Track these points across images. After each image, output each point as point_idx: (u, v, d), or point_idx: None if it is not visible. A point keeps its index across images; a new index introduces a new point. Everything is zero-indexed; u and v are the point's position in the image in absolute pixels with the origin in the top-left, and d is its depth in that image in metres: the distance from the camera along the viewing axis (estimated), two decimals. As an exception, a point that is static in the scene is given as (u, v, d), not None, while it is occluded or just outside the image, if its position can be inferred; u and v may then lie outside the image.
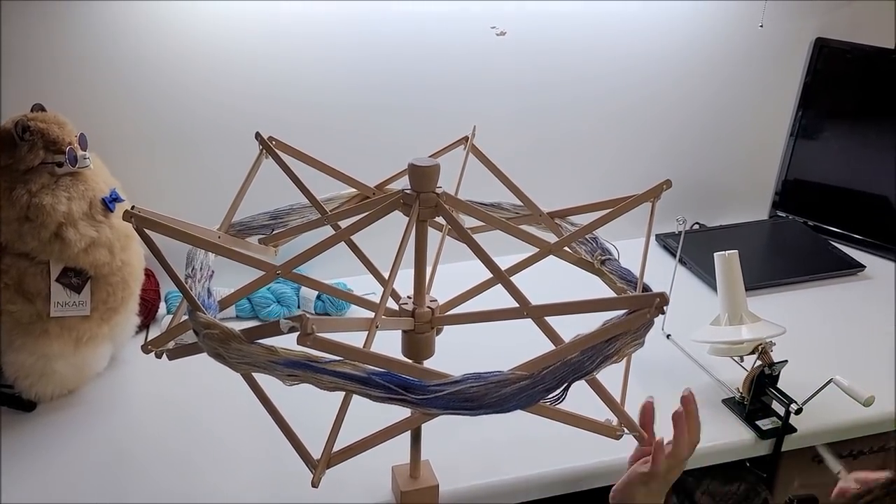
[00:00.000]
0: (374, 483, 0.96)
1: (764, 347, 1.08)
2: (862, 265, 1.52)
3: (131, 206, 0.75)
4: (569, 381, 0.68)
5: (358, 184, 0.98)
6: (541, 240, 0.86)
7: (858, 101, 1.62)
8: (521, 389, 0.65)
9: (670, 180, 0.91)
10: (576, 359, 0.67)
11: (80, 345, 1.06)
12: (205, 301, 0.77)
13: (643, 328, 0.71)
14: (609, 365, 0.71)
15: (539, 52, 1.43)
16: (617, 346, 0.69)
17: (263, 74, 1.29)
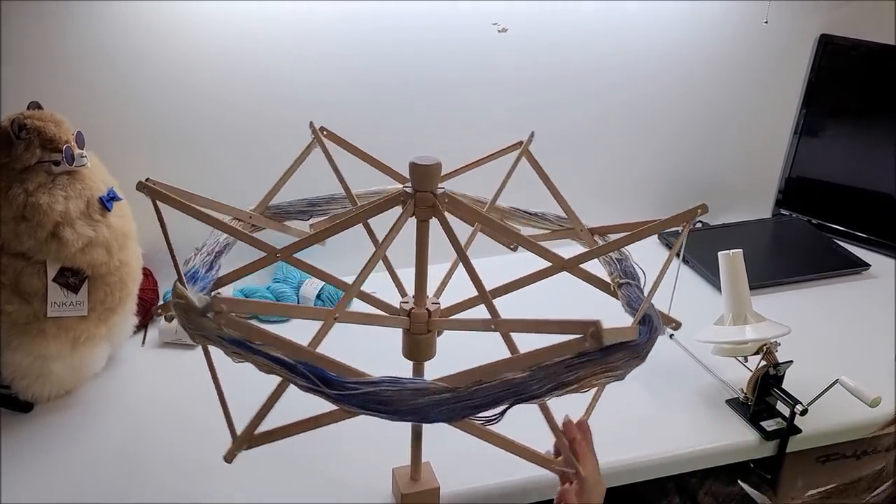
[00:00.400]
0: (374, 485, 0.95)
1: (769, 348, 1.07)
2: (867, 264, 1.51)
3: (146, 179, 0.74)
4: (509, 402, 0.64)
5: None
6: (554, 255, 0.84)
7: (863, 99, 1.60)
8: (441, 402, 0.63)
9: (706, 205, 0.85)
10: (519, 380, 0.64)
11: (77, 345, 1.05)
12: (199, 274, 0.76)
13: (621, 361, 0.68)
14: (568, 393, 0.67)
15: (541, 48, 1.42)
16: (579, 375, 0.65)
17: (264, 72, 1.28)
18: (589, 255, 0.81)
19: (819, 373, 1.10)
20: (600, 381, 0.68)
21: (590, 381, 0.66)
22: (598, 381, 0.68)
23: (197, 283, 0.84)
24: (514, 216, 1.00)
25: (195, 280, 0.85)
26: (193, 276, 0.88)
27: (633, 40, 1.47)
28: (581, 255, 0.82)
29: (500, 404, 0.64)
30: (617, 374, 0.69)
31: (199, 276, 0.82)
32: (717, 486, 1.21)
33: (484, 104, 1.43)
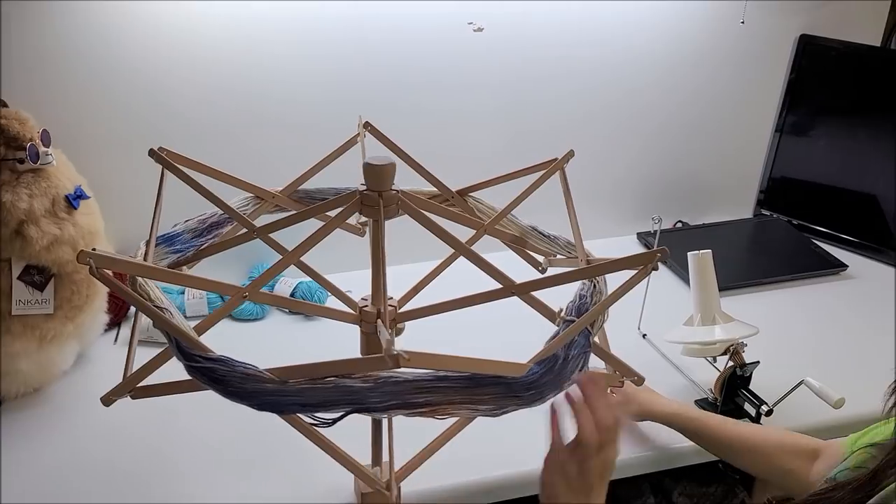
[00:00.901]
0: (337, 484, 0.95)
1: (735, 348, 1.07)
2: (844, 264, 1.51)
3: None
4: (345, 409, 0.64)
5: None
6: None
7: (843, 99, 1.60)
8: (269, 392, 0.63)
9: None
10: (357, 389, 0.63)
11: (44, 343, 1.05)
12: (181, 238, 0.77)
13: (492, 396, 0.66)
14: (420, 416, 0.65)
15: (519, 47, 1.42)
16: (429, 399, 0.64)
17: (241, 70, 1.28)
18: (539, 284, 0.78)
19: (790, 373, 1.10)
20: (461, 411, 0.66)
21: (446, 409, 0.65)
22: (459, 410, 0.66)
23: (174, 246, 0.84)
24: (530, 236, 0.98)
25: (172, 243, 0.85)
26: (171, 238, 0.88)
27: (613, 40, 1.47)
28: (532, 282, 0.78)
29: (336, 408, 0.63)
30: (485, 409, 0.67)
31: (181, 241, 0.84)
32: (693, 486, 1.22)
33: (465, 104, 1.43)
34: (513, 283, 0.74)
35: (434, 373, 0.64)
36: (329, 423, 0.65)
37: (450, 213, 0.89)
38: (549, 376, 0.70)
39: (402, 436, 0.88)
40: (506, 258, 0.98)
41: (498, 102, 1.46)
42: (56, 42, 1.17)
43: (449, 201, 1.00)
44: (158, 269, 0.72)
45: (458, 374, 0.65)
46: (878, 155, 1.55)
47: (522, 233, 0.97)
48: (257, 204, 0.98)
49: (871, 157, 1.57)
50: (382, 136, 0.97)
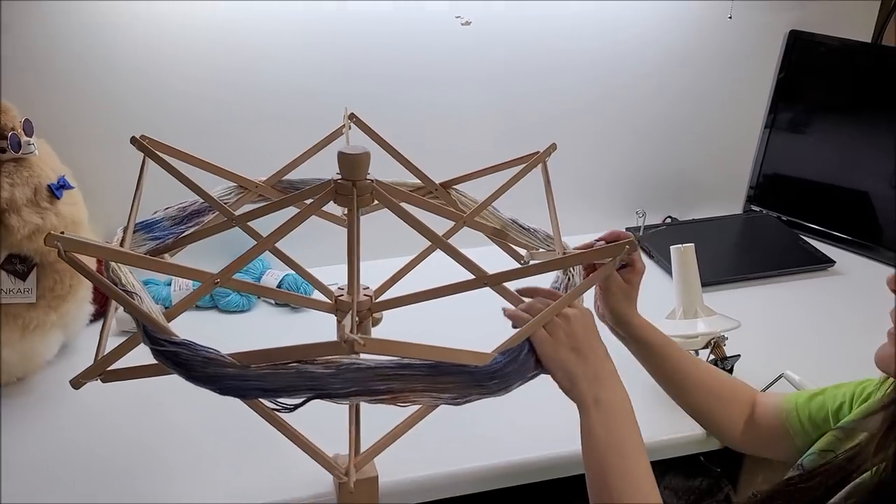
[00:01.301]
0: (316, 473, 0.95)
1: (717, 341, 1.07)
2: (832, 260, 1.51)
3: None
4: (307, 395, 0.64)
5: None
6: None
7: (834, 95, 1.60)
8: (230, 376, 0.64)
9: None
10: (319, 375, 0.63)
11: (27, 332, 1.05)
12: (161, 226, 0.78)
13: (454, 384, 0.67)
14: (382, 403, 0.65)
15: (507, 42, 1.42)
16: (391, 386, 0.65)
17: (225, 60, 1.28)
18: (512, 275, 0.79)
19: (772, 367, 1.11)
20: (423, 398, 0.67)
21: (408, 397, 0.65)
22: (421, 398, 0.66)
23: (152, 233, 0.86)
24: (510, 229, 0.99)
25: (151, 230, 0.87)
26: (150, 225, 0.89)
27: (602, 36, 1.47)
28: (504, 273, 0.80)
29: (298, 394, 0.64)
30: (447, 398, 0.68)
31: (160, 228, 0.86)
32: (677, 479, 1.22)
33: (454, 99, 1.43)
34: (486, 273, 0.74)
35: (397, 360, 0.65)
36: (291, 409, 0.65)
37: (429, 204, 0.90)
38: (514, 366, 0.71)
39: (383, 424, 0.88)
40: (490, 252, 0.98)
41: (487, 98, 1.46)
42: (41, 32, 1.17)
43: (432, 193, 1.00)
44: (128, 254, 0.73)
45: (422, 362, 0.65)
46: (868, 151, 1.55)
47: (503, 226, 0.98)
48: (240, 193, 0.98)
49: (862, 153, 1.57)
50: (367, 127, 0.98)
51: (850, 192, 1.59)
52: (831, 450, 0.80)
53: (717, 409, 0.99)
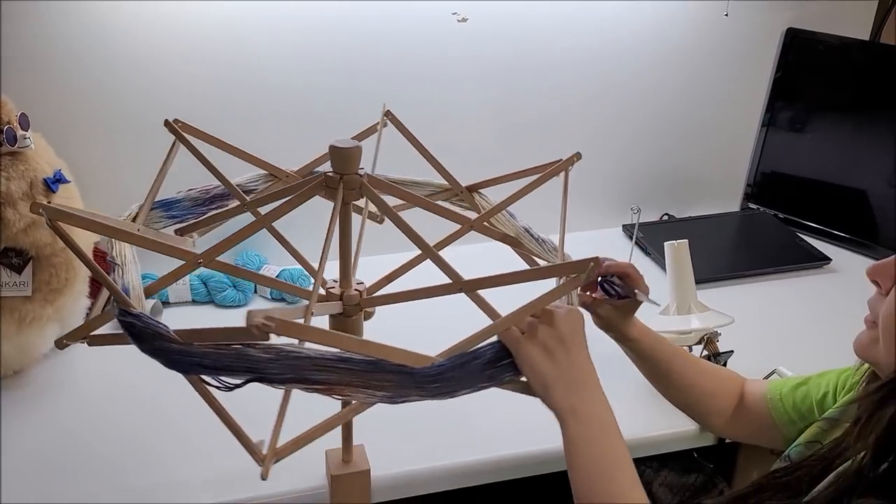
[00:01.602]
0: (308, 466, 0.96)
1: (710, 337, 1.08)
2: (828, 258, 1.51)
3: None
4: (244, 377, 0.64)
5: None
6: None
7: (831, 93, 1.60)
8: (174, 351, 0.65)
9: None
10: (256, 358, 0.63)
11: (23, 325, 1.06)
12: (128, 292, 0.77)
13: (391, 383, 0.66)
14: (318, 393, 0.65)
15: (505, 39, 1.42)
16: (327, 378, 0.64)
17: (222, 56, 1.29)
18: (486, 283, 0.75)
19: (766, 363, 1.11)
20: (358, 394, 0.66)
21: (343, 391, 0.65)
22: (355, 393, 0.66)
23: (170, 211, 0.89)
24: (523, 237, 0.96)
25: (169, 208, 0.90)
26: (169, 204, 0.91)
27: (599, 34, 1.47)
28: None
29: (236, 375, 0.64)
30: (382, 396, 0.67)
31: (179, 208, 0.90)
32: (673, 476, 1.22)
33: (454, 96, 1.44)
34: (461, 279, 0.74)
35: (337, 353, 0.65)
36: (229, 388, 0.65)
37: (435, 206, 0.87)
38: (459, 373, 0.69)
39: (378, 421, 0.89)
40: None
41: (486, 95, 1.46)
42: (38, 28, 1.18)
43: (458, 196, 1.00)
44: (106, 225, 0.73)
45: (361, 357, 0.65)
46: (866, 149, 1.55)
47: (517, 234, 0.96)
48: (269, 182, 0.98)
49: (859, 151, 1.57)
50: (402, 125, 0.98)
51: (846, 190, 1.59)
52: (817, 440, 0.81)
53: (707, 403, 0.99)
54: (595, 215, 1.64)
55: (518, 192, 0.88)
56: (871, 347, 0.73)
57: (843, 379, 0.88)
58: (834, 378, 0.90)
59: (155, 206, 0.91)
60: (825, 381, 0.91)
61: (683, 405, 1.02)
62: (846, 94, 1.58)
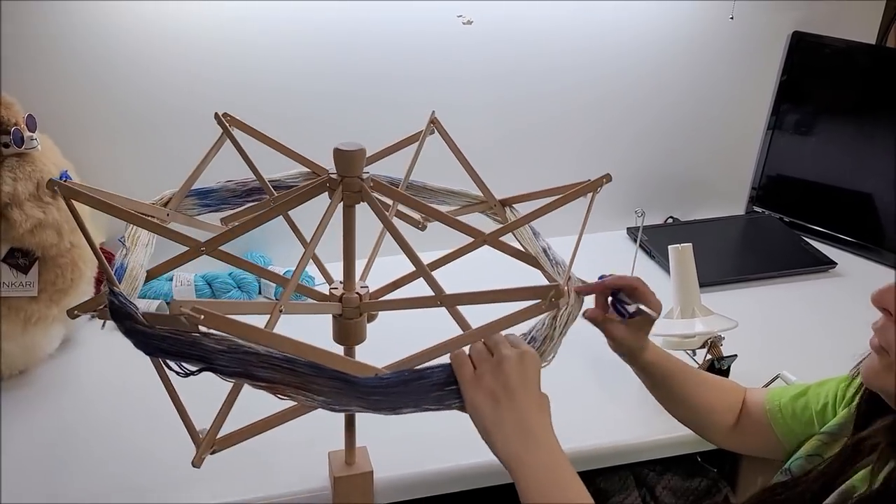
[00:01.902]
0: (311, 468, 0.96)
1: (713, 341, 1.08)
2: (833, 262, 1.51)
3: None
4: (197, 365, 0.65)
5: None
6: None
7: (837, 97, 1.60)
8: (138, 332, 0.67)
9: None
10: (210, 348, 0.64)
11: (28, 325, 1.06)
12: (121, 273, 0.78)
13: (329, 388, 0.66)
14: (263, 390, 0.66)
15: (510, 42, 1.42)
16: (270, 376, 0.65)
17: (226, 58, 1.29)
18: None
19: (770, 367, 1.11)
20: (299, 396, 0.66)
21: (285, 390, 0.65)
22: (295, 395, 0.66)
23: (205, 200, 0.92)
24: (540, 257, 0.95)
25: (204, 197, 0.93)
26: (205, 193, 0.94)
27: (604, 35, 1.47)
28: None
29: (190, 362, 0.65)
30: (322, 401, 0.67)
31: (214, 198, 0.93)
32: (676, 480, 1.22)
33: (457, 99, 1.44)
34: (443, 292, 0.75)
35: (285, 352, 0.66)
36: (184, 374, 0.67)
37: (445, 217, 0.86)
38: (403, 389, 0.69)
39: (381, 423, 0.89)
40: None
41: (490, 98, 1.46)
42: (44, 28, 1.18)
43: (493, 209, 1.00)
44: (112, 205, 0.74)
45: (306, 359, 0.66)
46: (872, 153, 1.55)
47: (535, 253, 0.95)
48: (308, 179, 0.98)
49: (865, 155, 1.56)
50: (446, 133, 0.98)
51: (852, 193, 1.59)
52: (818, 454, 0.80)
53: (708, 418, 0.97)
54: (599, 218, 1.64)
55: (537, 211, 0.85)
56: (884, 376, 0.69)
57: (841, 389, 0.87)
58: (833, 387, 0.89)
59: (190, 193, 0.93)
60: (824, 391, 0.89)
61: (684, 419, 1.00)
62: (852, 97, 1.57)
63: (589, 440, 1.05)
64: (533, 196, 0.97)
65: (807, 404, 0.90)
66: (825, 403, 0.88)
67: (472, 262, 0.93)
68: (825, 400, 0.89)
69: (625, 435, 1.07)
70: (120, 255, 0.79)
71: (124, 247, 0.79)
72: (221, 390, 0.73)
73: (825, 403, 0.88)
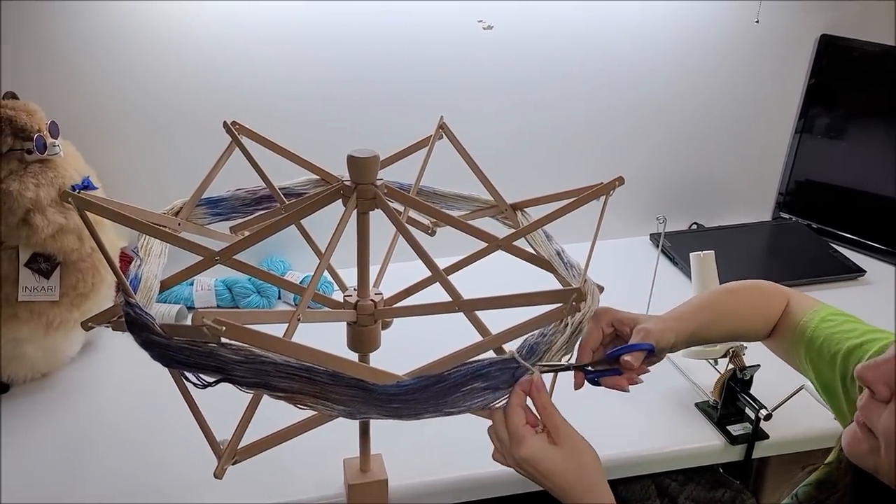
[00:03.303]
0: (326, 475, 0.96)
1: (735, 351, 1.05)
2: (862, 270, 1.48)
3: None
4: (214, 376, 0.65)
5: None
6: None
7: (866, 100, 1.56)
8: (156, 344, 0.66)
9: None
10: (226, 359, 0.64)
11: (50, 329, 1.08)
12: (135, 284, 0.78)
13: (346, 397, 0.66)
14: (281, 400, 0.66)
15: (532, 46, 1.41)
16: (291, 385, 0.64)
17: (242, 65, 1.30)
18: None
19: (793, 378, 1.08)
20: (318, 405, 0.66)
21: (304, 400, 0.65)
22: (315, 404, 0.65)
23: (215, 209, 0.93)
24: (554, 260, 0.93)
25: (214, 206, 0.93)
26: (215, 202, 0.94)
27: (626, 39, 1.46)
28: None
29: (209, 374, 0.65)
30: (341, 410, 0.66)
31: (225, 206, 0.94)
32: (699, 490, 1.20)
33: (476, 103, 1.43)
34: (460, 297, 0.74)
35: (302, 361, 0.65)
36: (202, 386, 0.67)
37: (459, 222, 0.85)
38: (420, 395, 0.67)
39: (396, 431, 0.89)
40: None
41: (510, 102, 1.45)
42: (68, 36, 1.20)
43: (503, 213, 0.99)
44: (124, 215, 0.75)
45: (324, 368, 0.65)
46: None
47: (549, 256, 0.93)
48: (318, 186, 0.98)
49: (894, 159, 1.53)
50: (454, 138, 0.97)
51: (883, 199, 1.55)
52: (828, 480, 0.77)
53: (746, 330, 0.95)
54: (622, 224, 1.62)
55: (550, 215, 0.84)
56: (870, 456, 0.63)
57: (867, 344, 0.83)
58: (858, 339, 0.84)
59: (200, 202, 0.93)
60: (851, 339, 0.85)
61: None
62: (883, 101, 1.54)
63: (611, 449, 1.03)
64: (544, 200, 0.96)
65: (829, 350, 0.86)
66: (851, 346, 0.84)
67: (483, 267, 0.92)
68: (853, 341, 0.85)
69: (647, 444, 1.06)
70: (134, 266, 0.79)
71: (138, 257, 0.79)
72: (241, 399, 0.73)
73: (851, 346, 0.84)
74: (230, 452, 0.73)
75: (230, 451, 0.73)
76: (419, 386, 0.67)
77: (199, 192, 0.92)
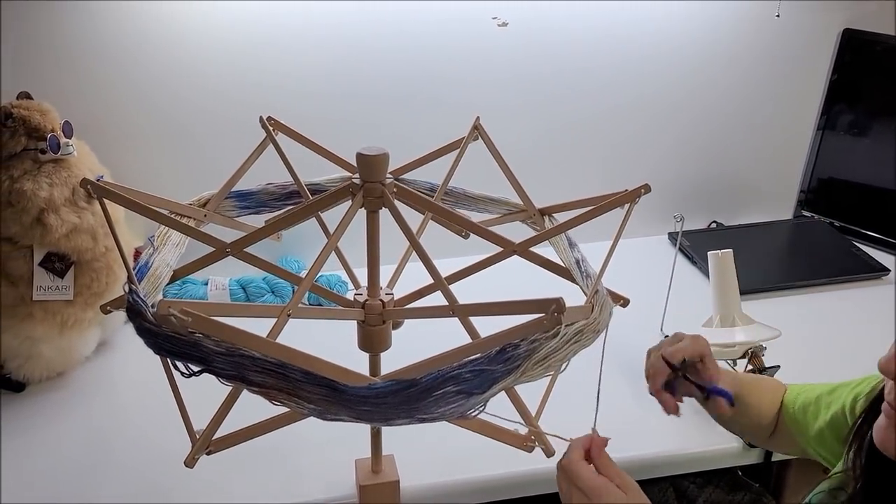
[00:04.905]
0: (338, 476, 0.96)
1: (754, 351, 1.04)
2: (886, 269, 1.45)
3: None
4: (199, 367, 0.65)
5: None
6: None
7: (889, 96, 1.53)
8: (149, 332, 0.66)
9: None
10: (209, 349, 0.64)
11: (65, 329, 1.08)
12: (144, 271, 0.78)
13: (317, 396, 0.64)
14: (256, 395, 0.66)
15: (549, 42, 1.40)
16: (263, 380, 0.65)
17: (259, 63, 1.30)
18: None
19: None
20: (290, 402, 0.65)
21: (277, 396, 0.64)
22: (287, 401, 0.65)
23: (244, 202, 0.93)
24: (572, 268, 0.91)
25: (244, 199, 0.93)
26: (244, 195, 0.94)
27: (645, 35, 1.44)
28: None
29: (193, 363, 0.65)
30: (311, 409, 0.65)
31: (254, 200, 0.94)
32: (718, 493, 1.18)
33: (492, 100, 1.42)
34: (456, 302, 0.74)
35: (278, 357, 0.65)
36: (186, 375, 0.67)
37: (477, 227, 0.83)
38: (394, 399, 0.64)
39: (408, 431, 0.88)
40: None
41: (526, 100, 1.44)
42: (82, 36, 1.21)
43: (532, 218, 0.98)
44: (141, 204, 0.74)
45: (298, 365, 0.64)
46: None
47: (568, 264, 0.91)
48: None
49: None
50: (488, 139, 0.96)
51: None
52: (842, 487, 0.76)
53: (759, 423, 0.97)
54: (640, 222, 1.60)
55: (569, 222, 0.82)
56: None
57: (849, 403, 0.85)
58: (843, 398, 0.87)
59: (230, 195, 0.93)
60: (837, 400, 0.88)
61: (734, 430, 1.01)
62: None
63: (629, 451, 1.02)
64: (570, 206, 0.94)
65: (816, 413, 0.90)
66: (836, 411, 0.87)
67: (515, 269, 0.93)
68: (837, 407, 0.87)
69: (665, 446, 1.05)
70: (146, 254, 0.79)
71: (152, 245, 0.79)
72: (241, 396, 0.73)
73: (836, 411, 0.87)
74: (203, 442, 0.73)
75: (203, 441, 0.73)
76: (390, 390, 0.64)
77: (230, 184, 0.92)
